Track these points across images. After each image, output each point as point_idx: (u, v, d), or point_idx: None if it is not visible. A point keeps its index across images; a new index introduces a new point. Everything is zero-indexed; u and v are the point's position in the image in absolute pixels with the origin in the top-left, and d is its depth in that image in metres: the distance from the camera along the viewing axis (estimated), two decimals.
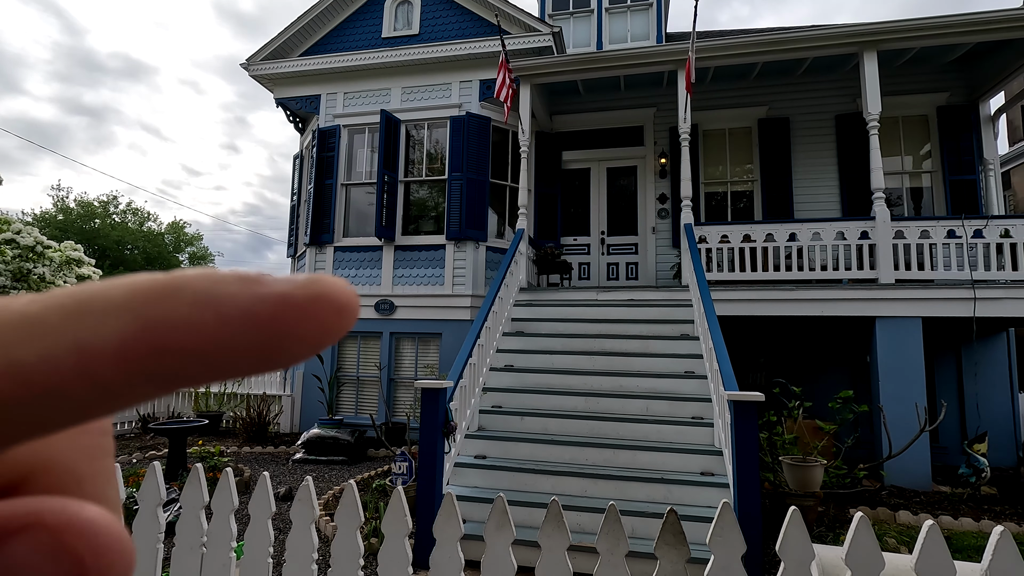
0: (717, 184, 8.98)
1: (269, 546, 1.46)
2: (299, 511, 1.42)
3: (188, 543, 1.50)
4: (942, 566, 1.10)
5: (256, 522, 1.47)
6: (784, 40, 7.05)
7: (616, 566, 1.25)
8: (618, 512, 1.23)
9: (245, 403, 8.07)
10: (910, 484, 5.74)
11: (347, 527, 1.39)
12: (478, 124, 8.64)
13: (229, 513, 1.49)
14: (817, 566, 1.20)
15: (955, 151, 8.00)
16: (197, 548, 1.49)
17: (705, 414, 4.83)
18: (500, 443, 4.83)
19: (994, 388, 7.33)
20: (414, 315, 8.50)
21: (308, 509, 1.41)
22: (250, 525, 1.48)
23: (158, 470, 1.54)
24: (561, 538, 1.30)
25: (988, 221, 6.23)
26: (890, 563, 1.23)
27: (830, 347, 7.69)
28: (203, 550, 1.49)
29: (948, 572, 1.10)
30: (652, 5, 9.94)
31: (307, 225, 9.24)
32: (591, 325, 6.32)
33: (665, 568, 1.21)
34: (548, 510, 1.27)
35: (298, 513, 1.42)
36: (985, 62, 7.69)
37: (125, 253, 26.67)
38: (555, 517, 1.28)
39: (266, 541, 1.46)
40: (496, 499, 1.33)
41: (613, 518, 1.24)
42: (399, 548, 1.36)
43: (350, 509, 1.37)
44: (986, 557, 1.08)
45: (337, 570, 1.38)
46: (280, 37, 9.43)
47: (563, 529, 1.27)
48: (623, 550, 1.26)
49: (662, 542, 1.24)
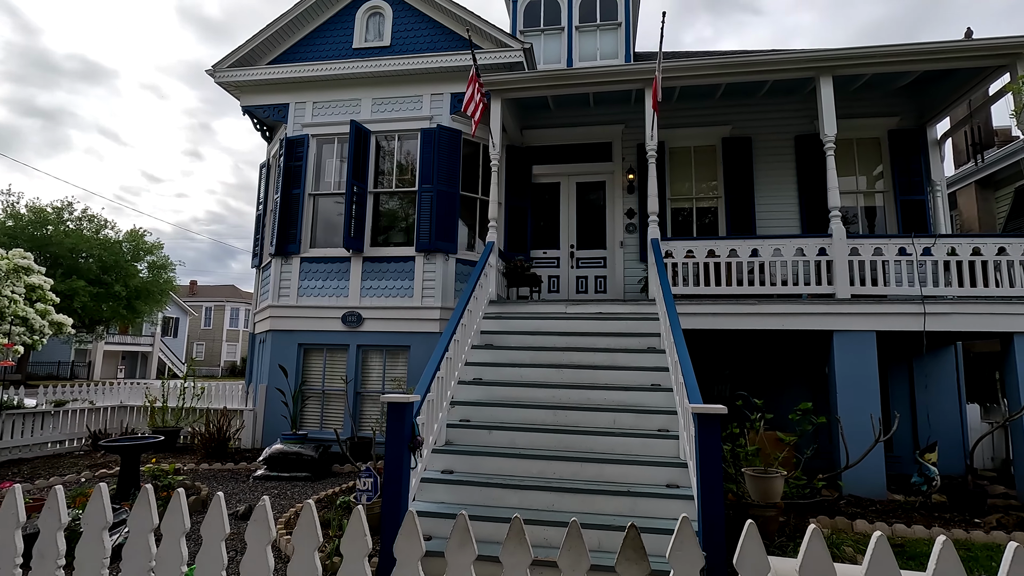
0: (683, 200, 9.20)
1: (222, 570, 1.41)
2: (255, 533, 1.38)
3: (135, 568, 1.43)
4: (890, 572, 1.14)
5: (209, 545, 1.42)
6: (746, 63, 7.31)
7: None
8: (580, 528, 1.24)
9: (204, 418, 7.80)
10: (866, 493, 5.91)
11: (305, 548, 1.35)
12: (449, 136, 8.66)
13: (180, 536, 1.43)
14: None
15: (905, 172, 8.40)
16: (145, 573, 1.43)
17: (671, 426, 4.89)
18: (468, 458, 4.78)
19: (944, 399, 7.65)
20: (382, 327, 8.39)
21: (264, 531, 1.37)
22: (202, 548, 1.43)
23: (104, 491, 1.48)
24: (523, 555, 1.29)
25: (936, 240, 6.54)
26: (842, 574, 1.26)
27: (791, 360, 7.91)
28: (151, 575, 1.43)
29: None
30: (621, 25, 10.18)
31: (273, 235, 9.05)
32: (560, 338, 6.35)
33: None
34: (510, 527, 1.27)
35: (253, 535, 1.38)
36: (932, 89, 8.12)
37: (79, 261, 25.58)
38: (517, 534, 1.27)
39: (219, 565, 1.41)
40: (458, 516, 1.32)
41: (575, 534, 1.24)
42: (359, 570, 1.33)
43: (308, 530, 1.33)
44: (930, 567, 1.13)
45: None
46: (248, 44, 9.29)
47: (524, 546, 1.26)
48: (585, 566, 1.26)
49: (623, 558, 1.24)
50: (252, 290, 11.01)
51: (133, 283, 26.95)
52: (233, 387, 8.99)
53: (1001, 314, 6.26)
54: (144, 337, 39.74)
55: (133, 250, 27.95)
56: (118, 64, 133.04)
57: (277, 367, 8.38)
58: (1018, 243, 6.38)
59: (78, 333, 27.89)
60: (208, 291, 50.47)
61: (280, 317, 8.71)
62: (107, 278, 25.78)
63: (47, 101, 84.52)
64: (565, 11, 10.38)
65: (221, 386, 9.15)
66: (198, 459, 7.42)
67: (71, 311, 22.75)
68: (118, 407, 8.90)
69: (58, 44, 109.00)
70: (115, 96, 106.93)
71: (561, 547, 1.28)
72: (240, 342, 48.53)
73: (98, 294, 25.19)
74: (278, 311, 8.73)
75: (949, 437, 7.40)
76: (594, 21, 10.29)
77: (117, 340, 37.33)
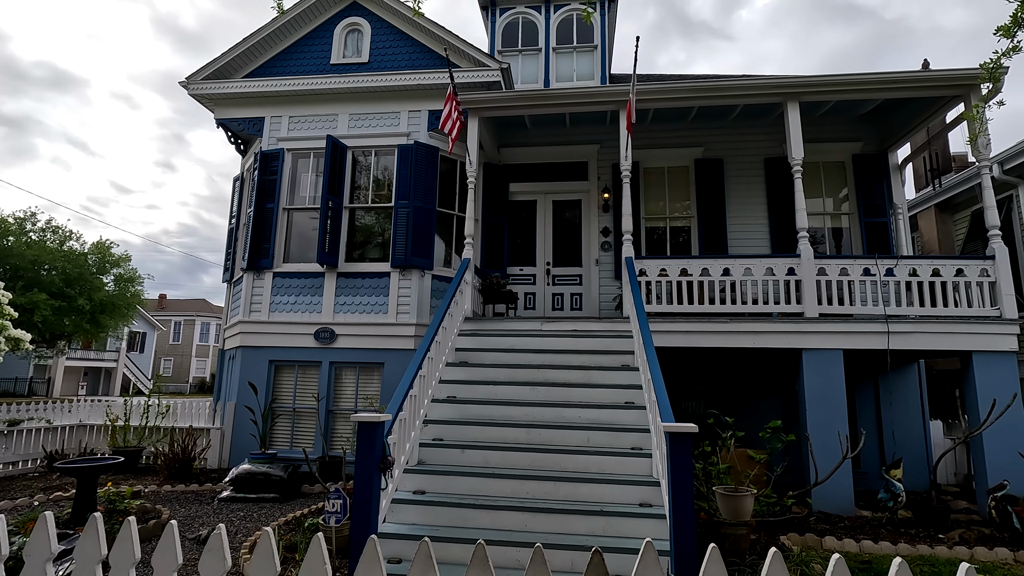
0: (657, 219, 9.35)
1: None
2: (208, 564, 1.33)
3: None
4: None
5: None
6: (717, 87, 7.52)
7: None
8: (543, 555, 1.23)
9: (169, 437, 7.54)
10: (835, 510, 6.00)
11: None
12: (426, 153, 8.68)
13: (130, 567, 1.37)
14: None
15: (869, 195, 8.69)
16: None
17: (644, 444, 4.91)
18: (440, 477, 4.72)
19: (908, 416, 7.85)
20: (356, 344, 8.27)
21: (219, 561, 1.32)
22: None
23: (50, 520, 1.41)
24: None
25: (898, 261, 6.76)
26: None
27: (762, 378, 8.03)
28: None
29: None
30: (597, 47, 10.41)
31: (245, 249, 8.90)
32: (535, 356, 6.34)
33: None
34: (473, 554, 1.25)
35: (207, 566, 1.33)
36: (892, 116, 8.46)
37: (41, 274, 24.70)
38: (480, 561, 1.25)
39: None
40: (420, 544, 1.29)
41: (539, 560, 1.23)
42: None
43: (265, 561, 1.29)
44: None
45: None
46: (224, 57, 9.21)
47: (488, 573, 1.24)
48: None
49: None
50: (223, 304, 10.78)
51: (98, 296, 26.09)
52: (200, 404, 8.72)
53: (960, 333, 6.48)
54: (108, 352, 38.43)
55: (99, 262, 27.10)
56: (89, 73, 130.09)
57: (247, 384, 8.18)
58: (975, 265, 6.63)
59: (37, 348, 26.84)
60: (178, 305, 49.20)
61: (251, 333, 8.52)
62: (70, 291, 24.91)
63: (12, 109, 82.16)
64: (542, 33, 10.57)
65: (188, 403, 8.88)
66: (160, 480, 7.15)
67: (31, 325, 21.90)
68: (77, 426, 8.56)
69: (26, 51, 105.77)
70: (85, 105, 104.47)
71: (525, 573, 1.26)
72: (210, 358, 47.27)
73: (60, 308, 24.31)
74: (249, 327, 8.55)
75: (914, 453, 7.58)
76: (571, 43, 10.50)
77: (79, 356, 36.04)
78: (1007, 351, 6.40)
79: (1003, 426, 5.91)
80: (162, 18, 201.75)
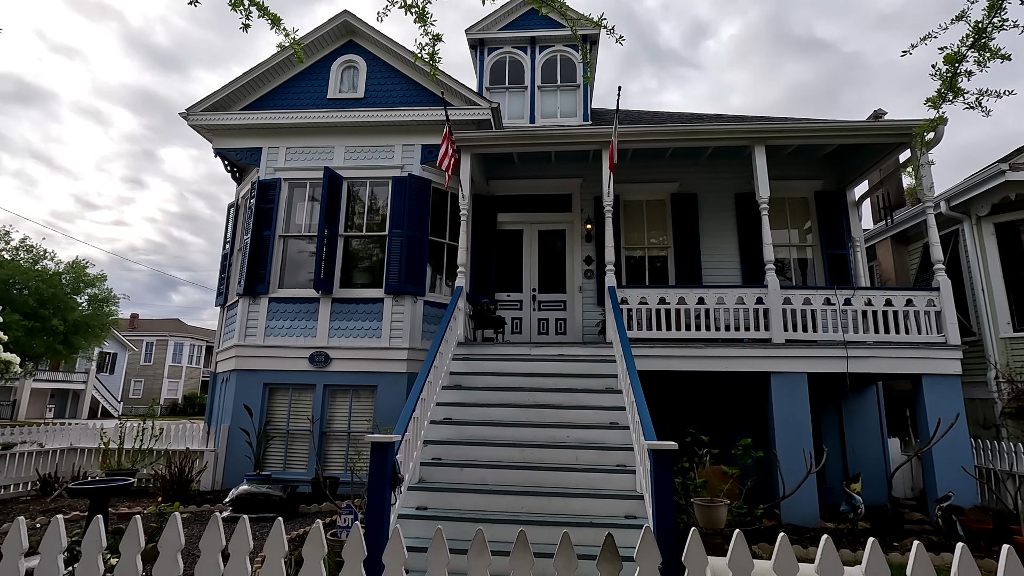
0: (636, 249, 9.94)
1: None
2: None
3: None
4: (790, 565, 1.61)
5: None
6: (691, 131, 8.19)
7: None
8: (527, 537, 1.66)
9: (165, 459, 7.70)
10: (802, 521, 6.50)
11: None
12: (419, 185, 9.14)
13: (176, 552, 1.75)
14: (710, 570, 1.67)
15: (830, 229, 9.43)
16: None
17: (628, 462, 5.34)
18: (440, 494, 5.07)
19: (868, 435, 8.46)
20: (350, 367, 8.58)
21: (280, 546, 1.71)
22: None
23: (61, 522, 1.78)
24: (484, 558, 1.70)
25: (855, 291, 7.41)
26: (758, 566, 1.72)
27: (735, 399, 8.57)
28: None
29: (793, 569, 1.60)
30: (579, 86, 11.09)
31: (241, 275, 9.17)
32: (525, 379, 6.76)
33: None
34: (473, 540, 1.68)
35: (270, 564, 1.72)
36: (849, 158, 9.25)
37: (14, 293, 24.27)
38: (479, 544, 1.68)
39: None
40: (436, 532, 1.72)
41: (522, 543, 1.66)
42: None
43: (316, 547, 1.69)
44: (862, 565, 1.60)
45: None
46: (223, 90, 9.59)
47: (486, 554, 1.67)
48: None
49: (603, 559, 1.66)
50: (197, 324, 10.95)
51: (72, 317, 25.69)
52: (193, 427, 8.88)
53: (911, 358, 7.13)
54: (77, 374, 37.44)
55: (73, 282, 26.73)
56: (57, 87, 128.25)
57: (241, 406, 8.40)
58: (922, 295, 7.33)
59: None
60: (150, 325, 48.18)
61: (246, 356, 8.76)
62: (44, 311, 24.51)
63: None
64: (528, 72, 11.23)
65: (180, 426, 9.02)
66: (157, 503, 7.29)
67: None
68: (68, 449, 8.63)
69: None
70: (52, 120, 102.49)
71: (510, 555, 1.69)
72: (183, 379, 46.27)
73: (33, 328, 23.88)
74: (244, 350, 8.79)
75: (874, 469, 8.17)
76: (555, 82, 11.16)
77: (47, 377, 35.04)
78: (952, 374, 7.06)
79: (949, 443, 6.53)
80: (133, 34, 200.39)
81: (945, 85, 4.20)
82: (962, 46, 3.80)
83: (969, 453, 6.78)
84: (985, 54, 3.77)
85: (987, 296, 9.29)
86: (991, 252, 9.31)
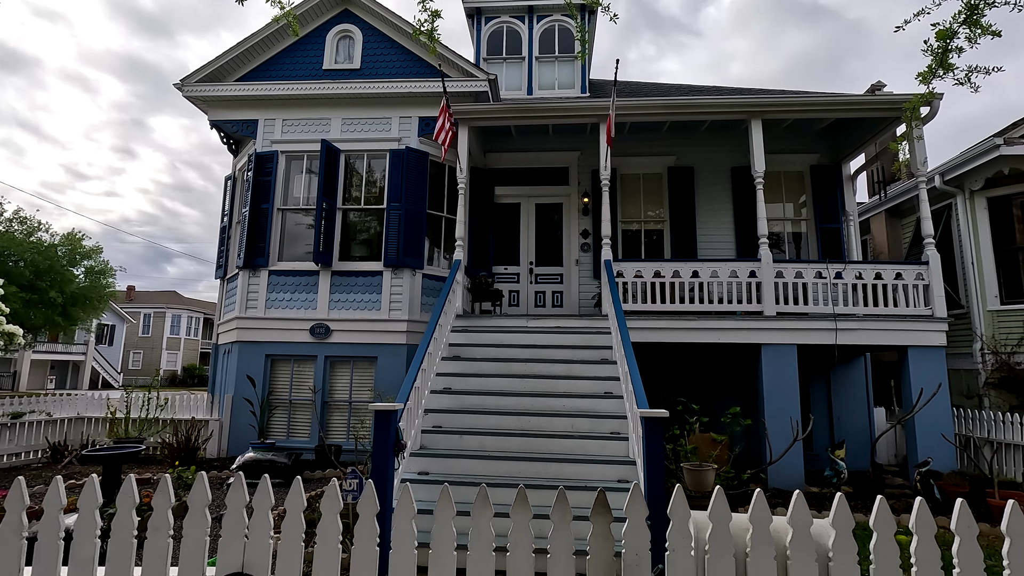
0: (633, 222, 10.02)
1: (268, 553, 1.90)
2: (293, 502, 1.88)
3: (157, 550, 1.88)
4: (764, 515, 1.78)
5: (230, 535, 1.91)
6: (688, 105, 8.19)
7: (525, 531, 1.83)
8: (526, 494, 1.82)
9: (172, 428, 7.90)
10: (787, 486, 6.78)
11: (329, 512, 1.87)
12: (416, 158, 9.15)
13: (204, 507, 1.91)
14: (692, 522, 1.84)
15: (824, 203, 9.52)
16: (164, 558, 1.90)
17: (621, 430, 5.55)
18: (441, 460, 5.28)
19: (855, 404, 8.72)
20: (350, 339, 8.74)
21: (300, 500, 1.88)
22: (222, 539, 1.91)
23: (96, 481, 1.93)
24: (487, 511, 1.87)
25: (846, 266, 7.56)
26: (736, 518, 1.89)
27: (725, 370, 8.79)
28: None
29: (767, 520, 1.77)
30: (577, 57, 10.99)
31: (240, 248, 9.24)
32: (522, 350, 6.93)
33: (597, 528, 1.80)
34: (477, 495, 1.84)
35: (292, 504, 1.88)
36: (845, 132, 9.28)
37: (9, 266, 24.21)
38: (482, 499, 1.84)
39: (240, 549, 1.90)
40: (443, 488, 1.88)
41: (522, 498, 1.83)
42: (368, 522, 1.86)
43: (332, 501, 1.85)
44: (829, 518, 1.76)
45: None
46: (218, 60, 9.49)
47: (488, 506, 1.83)
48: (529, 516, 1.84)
49: (595, 512, 1.82)
50: (194, 296, 11.04)
51: (69, 289, 25.69)
52: (198, 397, 9.08)
53: (898, 330, 7.32)
54: (76, 345, 37.65)
55: (69, 254, 26.64)
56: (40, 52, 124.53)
57: (244, 377, 8.58)
58: (912, 269, 7.48)
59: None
60: (147, 297, 48.25)
61: (248, 328, 8.90)
62: (41, 284, 24.49)
63: None
64: (526, 43, 11.10)
65: (185, 397, 9.22)
66: (165, 469, 7.53)
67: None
68: (76, 419, 8.83)
69: None
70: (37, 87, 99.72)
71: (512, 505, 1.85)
72: (181, 351, 46.61)
73: (30, 300, 23.91)
74: (245, 322, 8.92)
75: (859, 437, 8.46)
76: (552, 53, 11.06)
77: (46, 349, 35.25)
78: (937, 346, 7.26)
79: (931, 412, 6.77)
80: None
81: (936, 61, 4.26)
82: (954, 22, 3.85)
83: (950, 421, 7.04)
84: (976, 30, 3.83)
85: (977, 269, 9.46)
86: (983, 226, 9.43)
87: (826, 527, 1.86)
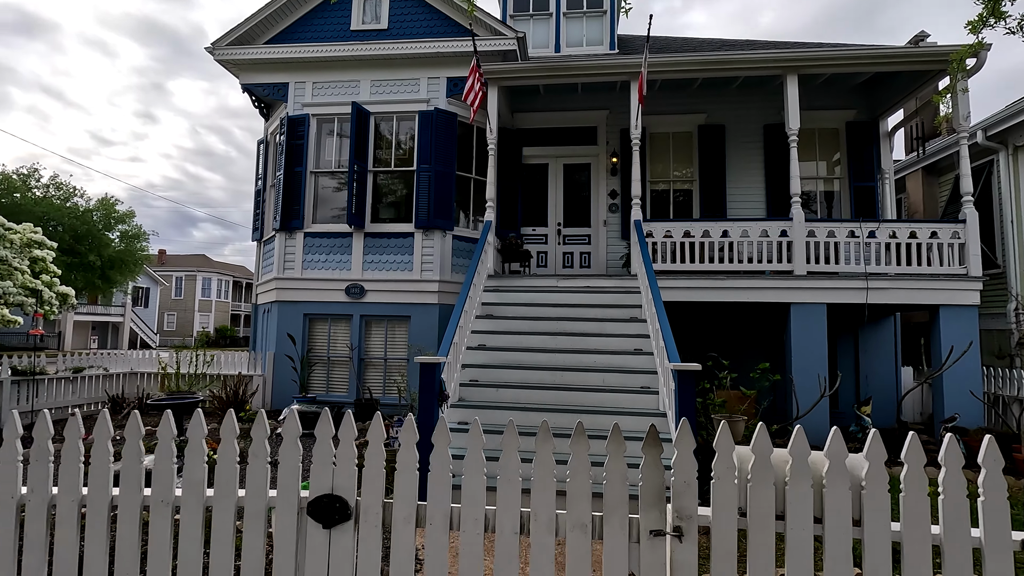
0: (661, 182, 9.97)
1: (353, 480, 2.14)
2: (375, 431, 2.11)
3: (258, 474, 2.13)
4: (803, 448, 1.95)
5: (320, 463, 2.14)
6: (721, 60, 8.02)
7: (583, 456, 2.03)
8: (548, 427, 2.00)
9: (221, 382, 8.37)
10: (813, 440, 6.85)
11: (376, 441, 2.10)
12: (445, 119, 9.18)
13: (295, 438, 2.15)
14: (735, 455, 2.02)
15: (859, 161, 9.33)
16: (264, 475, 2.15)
17: (652, 384, 5.75)
18: (479, 411, 5.55)
19: (883, 363, 8.77)
20: (384, 299, 9.02)
21: (381, 430, 2.10)
22: (313, 467, 2.15)
23: (172, 420, 2.17)
24: (514, 438, 2.06)
25: (880, 224, 7.49)
26: (776, 451, 2.06)
27: (754, 329, 8.88)
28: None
29: (806, 452, 1.94)
30: (606, 12, 10.73)
31: (276, 211, 9.50)
32: (552, 309, 7.12)
33: (648, 459, 1.99)
34: (506, 428, 2.04)
35: (374, 434, 2.11)
36: (884, 87, 9.00)
37: (49, 230, 25.07)
38: (545, 431, 2.03)
39: (329, 475, 2.14)
40: (472, 423, 2.08)
41: (544, 429, 2.01)
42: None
43: (377, 432, 2.08)
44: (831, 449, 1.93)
45: None
46: (247, 23, 9.54)
47: (550, 438, 2.03)
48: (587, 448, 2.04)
49: (647, 445, 2.02)
50: (222, 260, 11.41)
51: (107, 253, 26.59)
52: (240, 355, 9.53)
53: (931, 289, 7.29)
54: (115, 307, 39.11)
55: (104, 219, 27.45)
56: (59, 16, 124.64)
57: (285, 335, 8.98)
58: (947, 228, 7.38)
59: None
60: (178, 260, 49.58)
61: (286, 288, 9.24)
62: (80, 248, 25.40)
63: None
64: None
65: (228, 355, 9.68)
66: (217, 421, 8.02)
67: None
68: (129, 374, 9.38)
69: None
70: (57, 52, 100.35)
71: (571, 440, 2.04)
72: (213, 312, 48.10)
73: (71, 264, 24.84)
74: (284, 283, 9.26)
75: (886, 395, 8.54)
76: (580, 8, 10.80)
77: (87, 311, 36.72)
78: (971, 305, 7.23)
79: (960, 370, 6.81)
80: None
81: (988, 8, 4.15)
82: None
83: (979, 379, 7.08)
84: None
85: (1016, 228, 9.25)
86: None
87: (860, 460, 2.02)
